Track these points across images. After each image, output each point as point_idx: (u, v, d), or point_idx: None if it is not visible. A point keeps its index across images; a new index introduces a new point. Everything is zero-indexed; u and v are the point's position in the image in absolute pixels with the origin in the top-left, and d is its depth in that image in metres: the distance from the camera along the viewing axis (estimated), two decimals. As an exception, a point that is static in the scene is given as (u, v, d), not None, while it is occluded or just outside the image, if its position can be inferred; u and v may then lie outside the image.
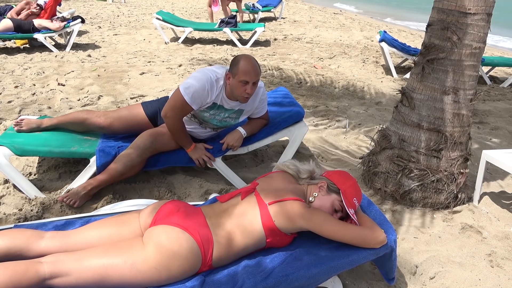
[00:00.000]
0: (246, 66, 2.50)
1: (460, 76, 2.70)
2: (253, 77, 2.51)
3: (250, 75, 2.50)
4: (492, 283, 2.19)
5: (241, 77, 2.49)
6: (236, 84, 2.53)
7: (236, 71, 2.51)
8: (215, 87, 2.59)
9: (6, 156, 2.55)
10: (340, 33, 10.60)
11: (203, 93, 2.55)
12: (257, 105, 2.85)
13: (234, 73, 2.52)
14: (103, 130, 2.85)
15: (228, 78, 2.57)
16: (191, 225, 1.68)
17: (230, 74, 2.56)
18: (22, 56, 6.48)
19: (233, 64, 2.54)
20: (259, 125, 2.96)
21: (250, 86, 2.53)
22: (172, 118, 2.60)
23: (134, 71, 5.90)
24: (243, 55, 2.56)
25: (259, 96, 2.81)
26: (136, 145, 2.65)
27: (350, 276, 2.17)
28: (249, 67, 2.50)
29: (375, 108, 4.93)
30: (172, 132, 2.68)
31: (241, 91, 2.54)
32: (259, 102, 2.83)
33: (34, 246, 1.65)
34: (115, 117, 2.82)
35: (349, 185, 1.93)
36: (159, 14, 8.13)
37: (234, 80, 2.53)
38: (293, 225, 1.78)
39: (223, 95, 2.66)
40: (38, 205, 2.54)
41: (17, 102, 4.42)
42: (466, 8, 2.57)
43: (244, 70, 2.49)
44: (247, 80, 2.50)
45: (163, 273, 1.60)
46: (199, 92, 2.54)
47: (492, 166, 3.48)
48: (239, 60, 2.53)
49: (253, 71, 2.51)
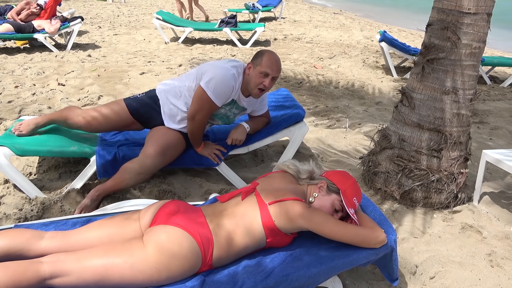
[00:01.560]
0: (270, 59, 2.52)
1: (460, 76, 2.70)
2: (274, 71, 2.54)
3: (272, 68, 2.53)
4: (492, 283, 2.19)
5: (263, 68, 2.51)
6: (255, 74, 2.54)
7: (259, 62, 2.53)
8: (238, 83, 2.59)
9: (6, 156, 2.55)
10: (340, 33, 10.60)
11: (229, 92, 2.55)
12: (260, 102, 2.86)
13: (256, 64, 2.54)
14: (83, 129, 2.71)
15: (249, 68, 2.58)
16: (191, 225, 1.68)
17: (251, 65, 2.58)
18: (22, 56, 6.48)
19: (257, 55, 2.57)
20: (261, 123, 2.96)
21: (269, 80, 2.54)
22: (200, 120, 2.58)
23: (134, 71, 5.90)
24: (269, 50, 2.60)
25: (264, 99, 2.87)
26: (146, 167, 2.54)
27: (350, 276, 2.17)
28: (273, 60, 2.53)
29: (375, 108, 4.94)
30: (195, 134, 2.66)
31: (258, 82, 2.54)
32: (262, 100, 2.87)
33: (34, 246, 1.65)
34: (94, 116, 2.66)
35: (349, 185, 1.93)
36: (159, 14, 8.13)
37: (254, 70, 2.54)
38: (293, 225, 1.78)
39: (239, 91, 2.66)
40: (38, 205, 2.54)
41: (17, 102, 4.42)
42: (466, 8, 2.57)
43: (267, 62, 2.52)
44: (268, 73, 2.52)
45: (163, 273, 1.60)
46: (225, 91, 2.53)
47: (492, 166, 3.48)
48: (264, 53, 2.56)
49: (276, 65, 2.54)
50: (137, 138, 2.97)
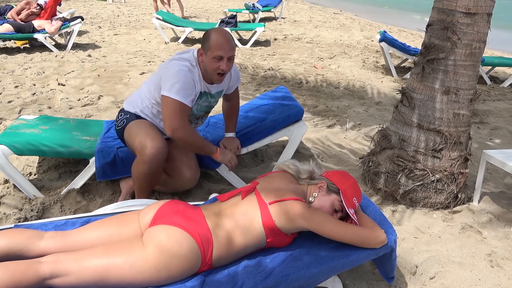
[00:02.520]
0: (218, 39, 2.25)
1: (460, 76, 2.70)
2: (227, 51, 2.27)
3: (224, 49, 2.26)
4: (492, 283, 2.19)
5: (214, 52, 2.26)
6: (209, 61, 2.30)
7: (208, 46, 2.27)
8: (196, 74, 2.36)
9: (6, 156, 2.55)
10: (340, 33, 10.60)
11: (192, 87, 2.34)
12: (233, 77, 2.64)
13: (206, 49, 2.29)
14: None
15: (201, 55, 2.34)
16: (191, 225, 1.68)
17: (202, 50, 2.32)
18: (22, 56, 6.48)
19: (204, 39, 2.31)
20: (235, 114, 2.79)
21: (225, 62, 2.29)
22: (182, 128, 2.32)
23: (134, 71, 5.90)
24: (215, 29, 2.31)
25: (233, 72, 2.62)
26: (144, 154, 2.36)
27: (350, 276, 2.17)
28: (222, 40, 2.25)
29: (375, 108, 4.93)
30: (190, 143, 2.39)
31: (215, 67, 2.30)
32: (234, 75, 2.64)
33: (34, 246, 1.65)
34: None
35: (349, 185, 1.93)
36: (159, 14, 8.13)
37: (206, 56, 2.30)
38: (294, 225, 1.78)
39: (203, 81, 2.43)
40: (38, 205, 2.54)
41: (17, 102, 4.42)
42: (466, 8, 2.57)
43: (216, 44, 2.25)
44: (221, 55, 2.27)
45: (163, 273, 1.60)
46: (190, 88, 2.32)
47: (492, 166, 3.48)
48: (210, 34, 2.28)
49: (226, 44, 2.26)
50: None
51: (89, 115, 4.16)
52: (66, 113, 4.17)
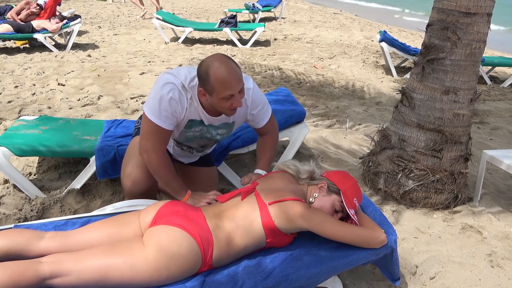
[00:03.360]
0: (221, 76, 1.82)
1: (460, 76, 2.70)
2: (235, 86, 1.86)
3: (231, 86, 1.84)
4: (492, 283, 2.19)
5: (221, 94, 1.85)
6: (217, 102, 1.90)
7: (210, 88, 1.85)
8: (184, 96, 1.97)
9: (6, 156, 2.55)
10: (340, 33, 10.60)
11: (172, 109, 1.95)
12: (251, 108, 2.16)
13: (210, 91, 1.86)
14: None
15: (203, 95, 1.92)
16: (191, 225, 1.68)
17: (203, 91, 1.90)
18: (22, 56, 6.48)
19: (203, 77, 1.86)
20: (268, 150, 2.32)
21: (237, 98, 1.90)
22: (153, 151, 1.99)
23: (134, 71, 5.90)
24: (209, 61, 1.85)
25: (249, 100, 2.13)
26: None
27: (350, 276, 2.17)
28: (225, 75, 1.82)
29: (375, 108, 4.93)
30: (158, 171, 2.04)
31: (226, 107, 1.92)
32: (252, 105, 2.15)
33: (34, 246, 1.65)
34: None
35: (349, 185, 1.93)
36: (159, 14, 8.13)
37: (212, 98, 1.90)
38: (293, 225, 1.78)
39: (200, 110, 2.04)
40: (38, 205, 2.54)
41: (17, 102, 4.42)
42: (466, 8, 2.57)
43: (221, 83, 1.83)
44: (231, 94, 1.87)
45: (163, 273, 1.60)
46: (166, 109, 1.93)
47: (492, 166, 3.48)
48: (209, 71, 1.83)
49: (233, 78, 1.84)
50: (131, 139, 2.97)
51: (89, 115, 4.16)
52: (66, 113, 4.17)
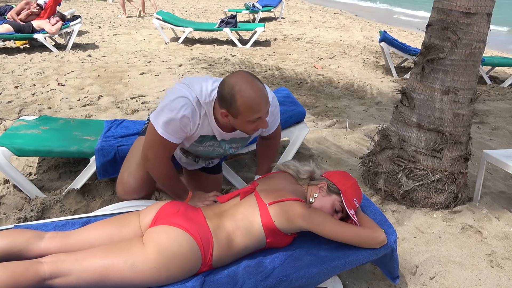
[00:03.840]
0: (249, 100, 1.70)
1: (460, 76, 2.70)
2: (264, 109, 1.75)
3: (260, 110, 1.73)
4: (492, 283, 2.19)
5: (248, 117, 1.75)
6: (241, 124, 1.80)
7: (235, 111, 1.73)
8: (197, 112, 1.85)
9: (6, 157, 2.55)
10: (340, 33, 10.60)
11: (180, 123, 1.84)
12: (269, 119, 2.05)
13: (235, 114, 1.75)
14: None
15: (225, 116, 1.80)
16: (191, 225, 1.68)
17: (226, 112, 1.78)
18: (22, 56, 6.48)
19: (226, 99, 1.73)
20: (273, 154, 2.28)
21: (263, 121, 1.80)
22: (154, 160, 1.94)
23: (134, 71, 5.91)
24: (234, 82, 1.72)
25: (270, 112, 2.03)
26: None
27: (350, 276, 2.17)
28: (254, 99, 1.70)
29: (375, 108, 4.93)
30: (159, 179, 2.02)
31: (251, 129, 1.82)
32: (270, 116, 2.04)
33: (34, 247, 1.65)
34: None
35: (349, 185, 1.93)
36: (159, 14, 8.14)
37: (236, 121, 1.79)
38: (293, 225, 1.78)
39: (214, 126, 1.93)
40: (38, 205, 2.54)
41: (17, 102, 4.42)
42: (466, 8, 2.57)
43: (249, 107, 1.71)
44: (259, 117, 1.76)
45: (163, 273, 1.60)
46: (176, 124, 1.83)
47: (492, 166, 3.48)
48: (233, 93, 1.70)
49: (261, 101, 1.72)
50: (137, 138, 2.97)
51: (89, 115, 4.16)
52: (66, 113, 4.17)
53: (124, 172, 2.22)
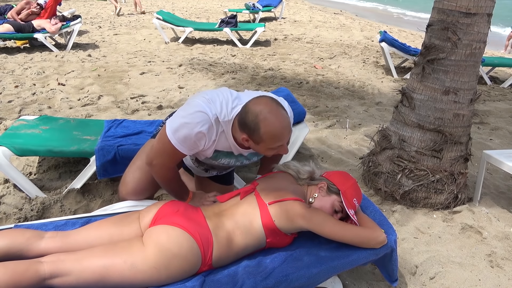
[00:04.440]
0: (274, 131, 1.69)
1: (460, 76, 2.70)
2: (286, 138, 1.76)
3: (283, 139, 1.74)
4: (492, 283, 2.19)
5: (270, 145, 1.75)
6: (262, 149, 1.79)
7: (258, 138, 1.72)
8: (214, 129, 1.83)
9: (6, 156, 2.55)
10: (341, 33, 10.60)
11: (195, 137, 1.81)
12: None
13: (257, 141, 1.74)
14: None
15: (246, 141, 1.79)
16: (191, 225, 1.68)
17: (247, 138, 1.77)
18: (22, 56, 6.48)
19: (249, 126, 1.71)
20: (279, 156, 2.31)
21: (284, 147, 1.80)
22: (160, 166, 1.92)
23: (134, 71, 5.91)
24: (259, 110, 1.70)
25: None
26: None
27: (350, 276, 2.17)
28: (279, 130, 1.70)
29: (375, 108, 4.94)
30: (162, 184, 2.02)
31: (271, 154, 1.83)
32: None
33: (34, 246, 1.65)
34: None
35: (349, 185, 1.93)
36: (159, 14, 8.14)
37: (258, 146, 1.78)
38: (293, 225, 1.78)
39: (232, 142, 1.91)
40: (38, 205, 2.54)
41: (17, 102, 4.42)
42: (466, 8, 2.57)
43: (272, 137, 1.71)
44: (281, 145, 1.77)
45: (163, 273, 1.60)
46: (190, 137, 1.80)
47: (492, 166, 3.48)
48: (258, 122, 1.69)
49: (285, 131, 1.72)
50: (137, 138, 2.97)
51: (89, 115, 4.16)
52: (66, 113, 4.17)
53: (129, 173, 2.23)
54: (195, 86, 5.35)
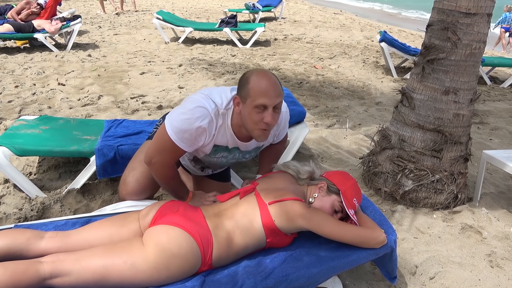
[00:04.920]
0: (261, 83, 1.73)
1: (460, 76, 2.71)
2: (273, 98, 1.75)
3: (269, 95, 1.73)
4: (492, 283, 2.19)
5: (255, 100, 1.73)
6: (248, 112, 1.77)
7: (246, 93, 1.75)
8: (214, 123, 1.85)
9: (6, 156, 2.55)
10: (340, 33, 10.60)
11: (195, 132, 1.83)
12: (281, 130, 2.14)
13: (245, 96, 1.76)
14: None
15: (237, 104, 1.82)
16: (191, 225, 1.68)
17: (238, 98, 1.81)
18: (22, 56, 6.48)
19: (242, 83, 1.79)
20: (277, 157, 2.30)
21: (270, 113, 1.75)
22: (160, 165, 1.92)
23: (134, 71, 5.91)
24: (254, 70, 1.80)
25: (282, 123, 2.09)
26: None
27: (350, 276, 2.17)
28: (265, 83, 1.73)
29: (375, 108, 4.94)
30: (162, 183, 2.02)
31: (256, 121, 1.77)
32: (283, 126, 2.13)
33: (34, 246, 1.65)
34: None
35: (349, 185, 1.93)
36: (159, 14, 8.14)
37: (245, 106, 1.78)
38: (293, 225, 1.78)
39: (231, 134, 1.93)
40: (38, 205, 2.54)
41: (17, 102, 4.42)
42: (466, 8, 2.57)
43: (259, 89, 1.73)
44: (265, 104, 1.74)
45: (163, 273, 1.60)
46: (190, 132, 1.82)
47: (492, 166, 3.48)
48: (250, 77, 1.77)
49: (272, 88, 1.74)
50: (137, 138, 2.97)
51: (89, 115, 4.16)
52: (66, 113, 4.17)
53: (128, 173, 2.23)
54: (195, 86, 5.35)
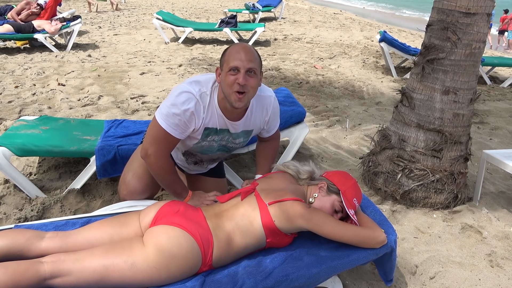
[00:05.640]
0: (233, 49, 1.89)
1: (460, 76, 2.71)
2: (244, 62, 1.86)
3: (240, 58, 1.85)
4: (492, 283, 2.19)
5: (229, 64, 1.86)
6: (224, 75, 1.89)
7: (223, 60, 1.91)
8: (201, 105, 1.93)
9: (6, 157, 2.55)
10: (340, 33, 10.60)
11: (184, 117, 1.90)
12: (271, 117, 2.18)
13: (222, 64, 1.92)
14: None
15: (218, 74, 1.96)
16: (191, 225, 1.68)
17: (219, 69, 1.96)
18: (22, 56, 6.48)
19: (222, 54, 1.95)
20: (273, 154, 2.36)
21: (242, 75, 1.85)
22: (155, 156, 1.96)
23: (134, 71, 5.91)
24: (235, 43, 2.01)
25: (270, 109, 2.15)
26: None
27: (350, 276, 2.17)
28: (238, 48, 1.89)
29: (375, 108, 4.94)
30: (159, 176, 2.03)
31: (230, 82, 1.86)
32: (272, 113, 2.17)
33: (35, 246, 1.65)
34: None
35: (349, 185, 1.93)
36: (159, 14, 8.14)
37: (223, 73, 1.91)
38: (293, 225, 1.78)
39: (220, 114, 2.00)
40: (39, 205, 2.54)
41: (17, 102, 4.42)
42: (466, 8, 2.57)
43: (232, 53, 1.87)
44: (237, 66, 1.85)
45: (163, 273, 1.60)
46: (179, 117, 1.90)
47: (492, 166, 3.48)
48: (228, 47, 1.94)
49: (244, 52, 1.87)
50: (137, 138, 2.98)
51: (89, 115, 4.16)
52: (66, 113, 4.17)
53: (128, 173, 2.23)
54: (195, 86, 5.34)
